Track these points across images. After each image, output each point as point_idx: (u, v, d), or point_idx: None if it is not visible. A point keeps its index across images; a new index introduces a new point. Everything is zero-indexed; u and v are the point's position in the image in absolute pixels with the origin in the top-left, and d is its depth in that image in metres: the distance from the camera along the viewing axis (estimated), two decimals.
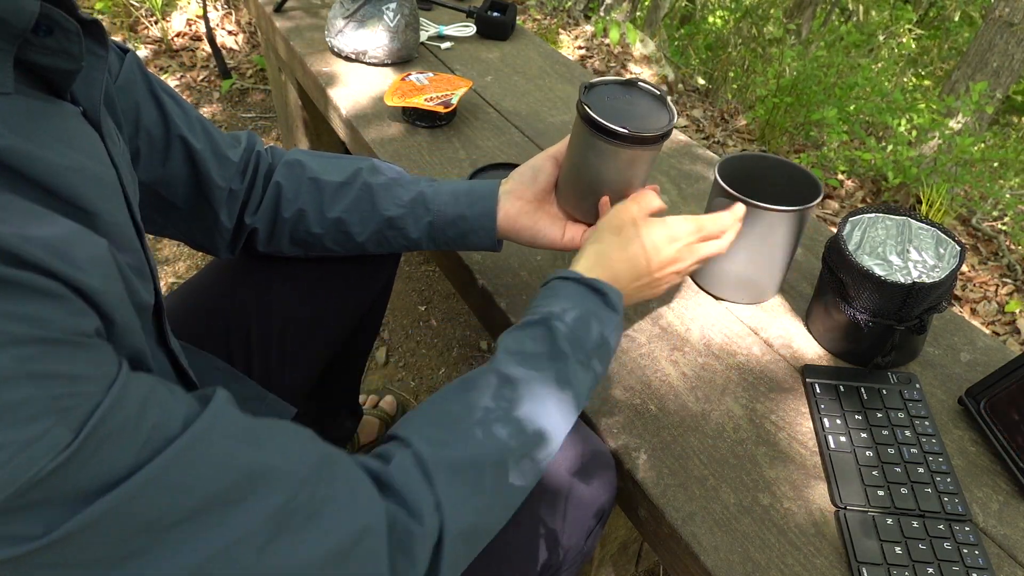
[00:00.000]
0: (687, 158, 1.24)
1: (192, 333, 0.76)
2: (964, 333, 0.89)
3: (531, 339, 0.60)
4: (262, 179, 0.76)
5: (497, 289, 0.92)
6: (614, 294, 0.64)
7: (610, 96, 0.71)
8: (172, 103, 0.68)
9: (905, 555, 0.63)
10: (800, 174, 0.86)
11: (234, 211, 0.75)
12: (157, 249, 1.89)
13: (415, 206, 0.77)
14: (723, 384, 0.80)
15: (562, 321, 0.60)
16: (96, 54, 0.47)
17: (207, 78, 2.69)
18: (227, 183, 0.73)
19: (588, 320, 0.61)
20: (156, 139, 0.66)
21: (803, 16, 4.91)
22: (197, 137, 0.69)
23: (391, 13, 1.35)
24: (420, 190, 0.77)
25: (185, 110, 0.70)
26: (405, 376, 1.57)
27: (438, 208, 0.76)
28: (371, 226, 0.77)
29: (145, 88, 0.65)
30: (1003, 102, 3.58)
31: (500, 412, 0.54)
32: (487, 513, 0.51)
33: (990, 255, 2.51)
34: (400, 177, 0.79)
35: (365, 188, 0.76)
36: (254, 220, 0.76)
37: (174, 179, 0.69)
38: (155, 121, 0.66)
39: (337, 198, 0.76)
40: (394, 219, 0.76)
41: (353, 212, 0.76)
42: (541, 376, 0.57)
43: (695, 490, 0.69)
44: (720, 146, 2.97)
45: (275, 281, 0.83)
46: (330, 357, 0.94)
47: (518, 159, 1.17)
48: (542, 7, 3.67)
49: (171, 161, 0.68)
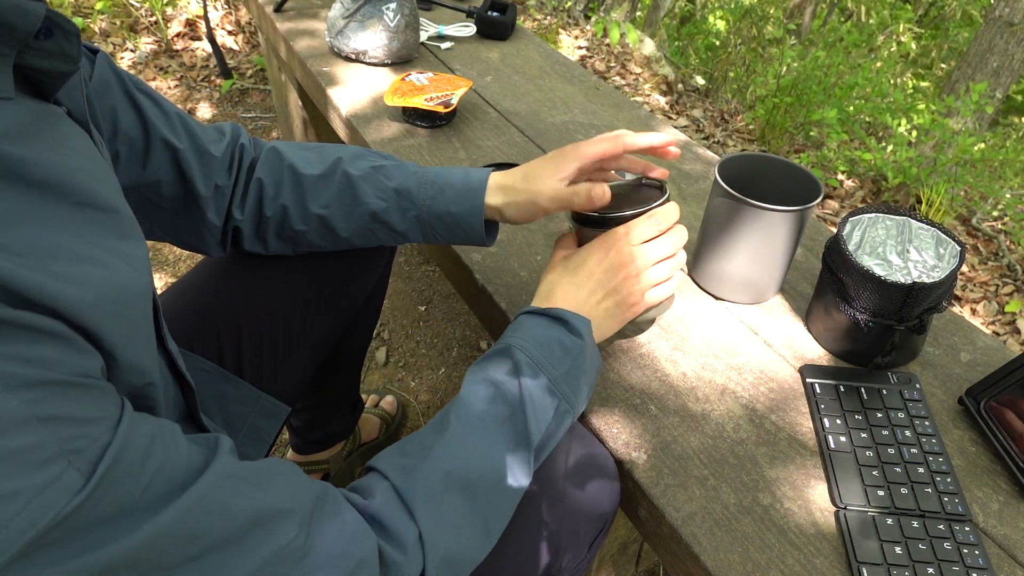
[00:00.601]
0: (687, 158, 1.24)
1: (181, 335, 0.75)
2: (964, 333, 0.89)
3: (495, 368, 0.60)
4: (245, 173, 0.74)
5: (497, 289, 0.92)
6: (576, 320, 0.64)
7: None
8: (149, 102, 0.66)
9: (905, 555, 0.63)
10: (800, 174, 0.86)
11: (222, 208, 0.73)
12: (156, 249, 1.89)
13: (400, 198, 0.74)
14: (723, 384, 0.80)
15: (524, 350, 0.61)
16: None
17: (207, 78, 2.69)
18: (212, 180, 0.71)
19: (550, 347, 0.62)
20: (135, 141, 0.65)
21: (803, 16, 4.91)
22: (178, 136, 0.68)
23: (391, 13, 1.35)
24: (403, 181, 0.74)
25: (164, 108, 0.68)
26: (405, 376, 1.57)
27: (423, 202, 0.73)
28: (355, 220, 0.75)
29: (120, 89, 0.64)
30: (1003, 102, 3.58)
31: (468, 441, 0.56)
32: (466, 540, 0.53)
33: (990, 255, 2.51)
34: (384, 165, 0.75)
35: (345, 179, 0.74)
36: (240, 217, 0.75)
37: (157, 181, 0.68)
38: (133, 123, 0.65)
39: (318, 192, 0.74)
40: (377, 212, 0.74)
41: (335, 206, 0.74)
42: (506, 404, 0.58)
43: (695, 490, 0.69)
44: (720, 146, 2.97)
45: (265, 279, 0.82)
46: (326, 354, 0.94)
47: (518, 159, 1.17)
48: (542, 7, 3.67)
49: (152, 164, 0.66)
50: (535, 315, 0.65)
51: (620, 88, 3.15)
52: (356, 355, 1.12)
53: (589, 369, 0.65)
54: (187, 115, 0.72)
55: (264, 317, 0.81)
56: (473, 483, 0.54)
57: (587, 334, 0.64)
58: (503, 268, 0.95)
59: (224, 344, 0.79)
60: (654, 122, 1.35)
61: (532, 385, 0.59)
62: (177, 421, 0.58)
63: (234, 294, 0.81)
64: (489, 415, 0.57)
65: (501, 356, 0.61)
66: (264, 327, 0.81)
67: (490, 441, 0.56)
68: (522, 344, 0.61)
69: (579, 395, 0.63)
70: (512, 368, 0.60)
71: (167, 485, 0.37)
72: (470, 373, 0.61)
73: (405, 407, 1.47)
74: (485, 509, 0.55)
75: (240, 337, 0.80)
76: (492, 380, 0.59)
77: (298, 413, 1.15)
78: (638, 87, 3.19)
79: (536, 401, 0.59)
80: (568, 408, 0.62)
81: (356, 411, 1.25)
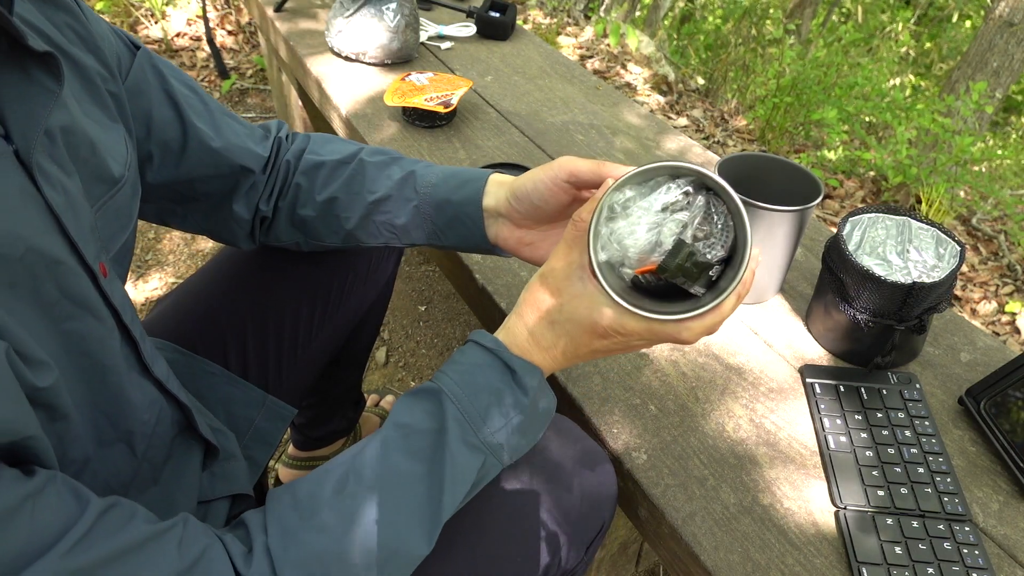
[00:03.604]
0: (687, 158, 1.24)
1: (188, 337, 0.75)
2: (964, 333, 0.89)
3: (421, 412, 0.54)
4: (282, 170, 0.74)
5: (497, 289, 0.92)
6: (525, 370, 0.55)
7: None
8: (192, 98, 0.65)
9: (905, 555, 0.63)
10: (800, 174, 0.86)
11: (252, 202, 0.73)
12: (156, 249, 1.89)
13: (403, 186, 0.70)
14: (723, 384, 0.80)
15: (456, 400, 0.53)
16: (45, 87, 0.44)
17: (207, 78, 2.69)
18: (250, 179, 0.70)
19: (488, 400, 0.54)
20: (171, 142, 0.64)
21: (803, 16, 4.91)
22: (220, 134, 0.67)
23: (391, 13, 1.35)
24: (412, 169, 0.71)
25: (207, 105, 0.67)
26: (405, 376, 1.58)
27: (424, 190, 0.69)
28: (359, 209, 0.71)
29: (159, 87, 0.62)
30: (1003, 102, 3.58)
31: (367, 505, 0.49)
32: None
33: (990, 255, 2.51)
34: (401, 158, 0.74)
35: (359, 166, 0.72)
36: (266, 209, 0.73)
37: (191, 179, 0.67)
38: (170, 123, 0.63)
39: (333, 177, 0.72)
40: (380, 201, 0.70)
41: (344, 191, 0.72)
42: (422, 461, 0.51)
43: (695, 490, 0.69)
44: (720, 146, 2.97)
45: (272, 283, 0.82)
46: (330, 357, 0.94)
47: (518, 159, 1.17)
48: (542, 7, 3.67)
49: (187, 162, 0.65)
50: (483, 351, 0.56)
51: (620, 88, 3.15)
52: (360, 356, 1.12)
53: (533, 423, 0.57)
54: (232, 115, 0.70)
55: (270, 321, 0.81)
56: (355, 562, 0.48)
57: (534, 388, 0.55)
58: (503, 268, 0.95)
59: (229, 347, 0.79)
60: (654, 122, 1.35)
61: (457, 442, 0.52)
62: (176, 435, 0.58)
63: (240, 298, 0.81)
64: (401, 471, 0.51)
65: (429, 400, 0.54)
66: (270, 331, 0.81)
67: (395, 504, 0.50)
68: (455, 392, 0.54)
69: (514, 449, 0.56)
70: (439, 419, 0.53)
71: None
72: (393, 411, 0.55)
73: None
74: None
75: (246, 340, 0.80)
76: (413, 429, 0.53)
77: (301, 410, 1.15)
78: (638, 87, 3.19)
79: (458, 464, 0.52)
80: (496, 463, 0.55)
81: (358, 408, 1.26)
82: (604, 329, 0.53)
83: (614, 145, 1.25)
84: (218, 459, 0.65)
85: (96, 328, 0.46)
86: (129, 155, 0.55)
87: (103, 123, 0.53)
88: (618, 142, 1.26)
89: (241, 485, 0.67)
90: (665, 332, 0.51)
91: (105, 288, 0.48)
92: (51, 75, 0.44)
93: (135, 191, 0.57)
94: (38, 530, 0.37)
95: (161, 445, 0.56)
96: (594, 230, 0.51)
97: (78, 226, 0.45)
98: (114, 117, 0.55)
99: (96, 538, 0.39)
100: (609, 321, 0.52)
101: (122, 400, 0.49)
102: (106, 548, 0.39)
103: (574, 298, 0.54)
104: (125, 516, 0.42)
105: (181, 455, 0.59)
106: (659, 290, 0.53)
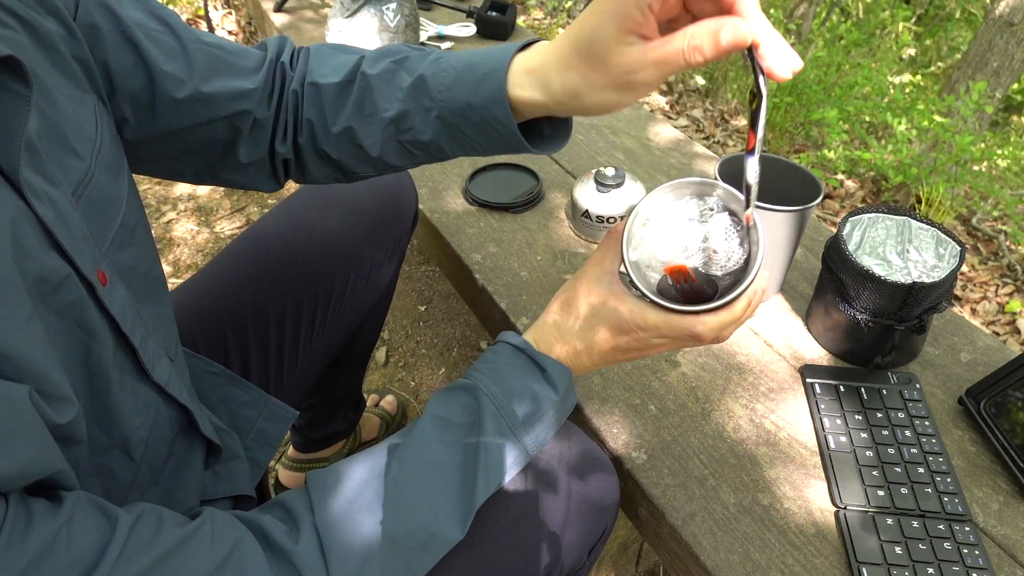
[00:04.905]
0: (687, 158, 1.24)
1: (189, 337, 0.75)
2: (964, 333, 0.89)
3: (458, 407, 0.57)
4: (291, 100, 0.63)
5: (497, 289, 0.92)
6: (555, 369, 0.59)
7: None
8: (160, 34, 0.55)
9: (905, 555, 0.63)
10: (800, 174, 0.86)
11: (263, 142, 0.64)
12: (158, 249, 1.89)
13: (418, 95, 0.58)
14: (723, 384, 0.80)
15: (492, 397, 0.57)
16: (14, 91, 0.39)
17: None
18: (249, 118, 0.61)
19: (522, 396, 0.58)
20: (139, 93, 0.54)
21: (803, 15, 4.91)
22: (196, 73, 0.57)
23: (391, 13, 1.35)
24: (421, 72, 0.58)
25: (180, 39, 0.56)
26: (405, 376, 1.57)
27: (440, 95, 0.57)
28: (379, 133, 0.61)
29: (113, 30, 0.52)
30: (1003, 101, 3.58)
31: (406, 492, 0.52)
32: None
33: (990, 255, 2.51)
34: (407, 56, 0.60)
35: (364, 83, 0.60)
36: (285, 151, 0.65)
37: (177, 130, 0.58)
38: (131, 71, 0.54)
39: (340, 104, 0.62)
40: (398, 119, 0.59)
41: (357, 118, 0.61)
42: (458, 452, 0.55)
43: (695, 490, 0.69)
44: (720, 146, 2.97)
45: (273, 284, 0.82)
46: (331, 358, 0.94)
47: (518, 159, 1.17)
48: (542, 7, 3.67)
49: (163, 115, 0.56)
50: (513, 351, 0.60)
51: None
52: (361, 357, 1.12)
53: (558, 417, 0.61)
54: (215, 40, 0.60)
55: (272, 322, 0.81)
56: (400, 540, 0.51)
57: (563, 386, 0.59)
58: (503, 268, 0.95)
59: (231, 347, 0.79)
60: (654, 122, 1.35)
61: (492, 435, 0.55)
62: (176, 434, 0.58)
63: (242, 298, 0.81)
64: (439, 460, 0.54)
65: (466, 395, 0.58)
66: (271, 332, 0.81)
67: (432, 492, 0.53)
68: (491, 389, 0.57)
69: (540, 442, 0.59)
70: (475, 414, 0.56)
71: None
72: (430, 405, 0.58)
73: (405, 407, 1.48)
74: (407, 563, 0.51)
75: (247, 341, 0.80)
76: (451, 422, 0.56)
77: (301, 411, 1.15)
78: None
79: (492, 455, 0.55)
80: (525, 455, 0.58)
81: (358, 410, 1.26)
82: (627, 323, 0.56)
83: (614, 145, 1.25)
84: (221, 458, 0.65)
85: (89, 343, 0.45)
86: (99, 135, 0.49)
87: (73, 97, 0.48)
88: (618, 142, 1.26)
89: (243, 485, 0.67)
90: (682, 325, 0.55)
91: (103, 299, 0.46)
92: (17, 79, 0.40)
93: (116, 170, 0.51)
94: (77, 557, 0.37)
95: (160, 446, 0.56)
96: (628, 233, 0.57)
97: (71, 238, 0.42)
98: (83, 86, 0.49)
99: (133, 553, 0.39)
100: (631, 314, 0.56)
101: (112, 409, 0.48)
102: (146, 560, 0.40)
103: (601, 297, 0.58)
104: (154, 524, 0.42)
105: (182, 454, 0.59)
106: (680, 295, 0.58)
